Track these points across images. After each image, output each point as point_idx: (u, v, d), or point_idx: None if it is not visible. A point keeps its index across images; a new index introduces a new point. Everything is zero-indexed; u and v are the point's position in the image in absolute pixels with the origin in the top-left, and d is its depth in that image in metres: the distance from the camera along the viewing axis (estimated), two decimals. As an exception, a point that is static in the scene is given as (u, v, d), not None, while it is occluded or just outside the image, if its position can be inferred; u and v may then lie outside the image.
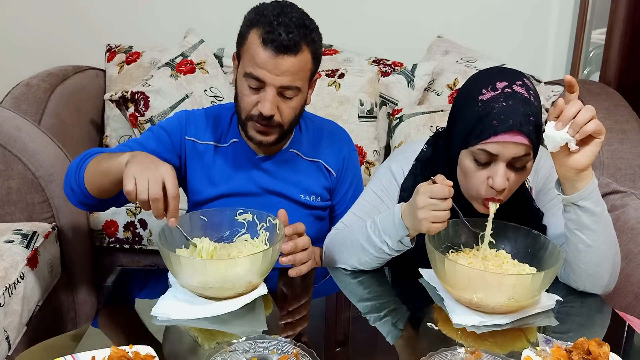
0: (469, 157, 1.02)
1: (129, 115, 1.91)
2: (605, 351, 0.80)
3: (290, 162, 1.28)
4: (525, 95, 0.98)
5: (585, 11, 2.20)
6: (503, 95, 0.98)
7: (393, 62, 2.06)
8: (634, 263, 1.38)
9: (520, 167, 1.01)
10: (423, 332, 0.95)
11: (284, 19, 1.09)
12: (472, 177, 1.03)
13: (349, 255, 1.13)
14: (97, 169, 1.09)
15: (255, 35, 1.10)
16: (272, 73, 1.10)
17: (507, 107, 0.97)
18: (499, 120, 0.97)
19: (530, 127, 0.97)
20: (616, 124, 1.66)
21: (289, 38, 1.08)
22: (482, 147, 0.99)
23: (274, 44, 1.08)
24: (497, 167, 1.00)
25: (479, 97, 1.00)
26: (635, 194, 1.48)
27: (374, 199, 1.21)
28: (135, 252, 1.77)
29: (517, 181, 1.02)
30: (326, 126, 1.37)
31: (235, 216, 1.10)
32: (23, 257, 1.32)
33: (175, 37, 2.11)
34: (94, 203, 1.16)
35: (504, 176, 0.99)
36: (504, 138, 0.97)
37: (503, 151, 0.98)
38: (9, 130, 1.50)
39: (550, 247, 1.01)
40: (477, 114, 0.99)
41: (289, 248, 1.07)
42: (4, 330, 1.21)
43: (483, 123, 0.98)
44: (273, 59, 1.09)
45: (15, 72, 2.06)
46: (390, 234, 1.06)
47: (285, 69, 1.10)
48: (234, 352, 0.82)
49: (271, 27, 1.08)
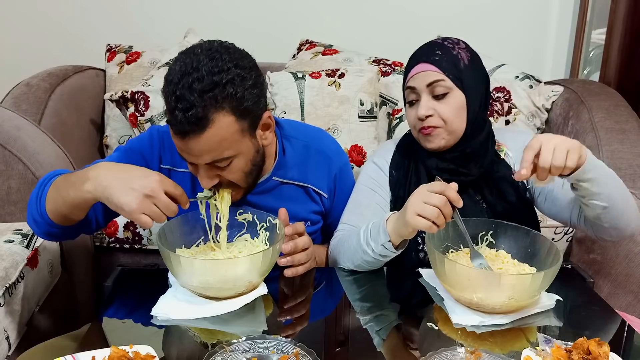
0: (407, 104, 1.20)
1: (129, 115, 1.91)
2: (605, 351, 0.80)
3: (274, 190, 1.19)
4: (439, 42, 1.17)
5: (585, 11, 2.20)
6: (421, 46, 1.19)
7: (393, 62, 2.06)
8: (634, 263, 1.38)
9: (440, 94, 1.13)
10: (423, 332, 0.95)
11: (182, 92, 0.92)
12: (409, 117, 1.19)
13: (345, 256, 1.14)
14: (60, 198, 1.00)
15: (167, 110, 0.97)
16: (191, 155, 0.98)
17: (418, 50, 1.18)
18: (410, 60, 1.18)
19: (436, 57, 1.13)
20: (616, 124, 1.66)
21: (188, 118, 0.92)
22: (407, 86, 1.18)
23: (176, 128, 0.94)
24: (420, 100, 1.15)
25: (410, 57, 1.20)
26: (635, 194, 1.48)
27: (366, 192, 1.24)
28: (135, 252, 1.77)
29: (444, 109, 1.13)
30: (313, 143, 1.24)
31: (235, 216, 1.10)
32: (23, 257, 1.32)
33: (175, 37, 2.11)
34: (59, 232, 1.06)
35: (426, 105, 1.14)
36: (415, 71, 1.15)
37: (417, 82, 1.15)
38: (9, 130, 1.50)
39: (550, 247, 1.01)
40: (407, 66, 1.19)
41: (288, 248, 1.07)
42: (4, 330, 1.21)
43: (405, 71, 1.19)
44: (182, 142, 0.95)
45: (15, 72, 2.06)
46: (374, 238, 1.06)
47: (198, 149, 0.95)
48: (234, 352, 0.82)
49: (170, 106, 0.94)
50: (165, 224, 1.04)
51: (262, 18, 2.30)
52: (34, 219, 1.06)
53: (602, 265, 1.48)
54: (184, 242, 1.07)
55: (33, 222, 1.06)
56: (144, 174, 0.94)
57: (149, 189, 0.91)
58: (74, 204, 0.98)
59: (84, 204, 0.99)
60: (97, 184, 0.93)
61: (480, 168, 1.17)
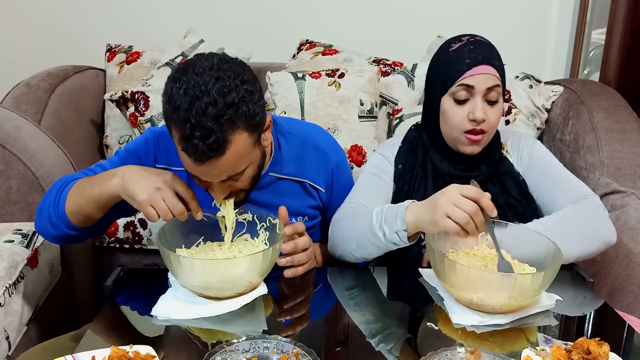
0: (449, 99, 1.16)
1: (129, 115, 1.91)
2: (605, 351, 0.80)
3: (271, 186, 1.20)
4: (487, 42, 1.18)
5: (585, 11, 2.20)
6: (469, 42, 1.16)
7: (393, 62, 2.06)
8: (634, 263, 1.38)
9: (494, 100, 1.14)
10: (423, 332, 0.95)
11: (198, 119, 0.90)
12: (453, 115, 1.15)
13: (350, 234, 1.12)
14: (82, 197, 1.04)
15: (176, 136, 0.95)
16: (207, 176, 0.99)
17: (475, 48, 1.15)
18: (470, 57, 1.14)
19: (496, 62, 1.15)
20: (616, 124, 1.66)
21: (209, 145, 0.91)
22: (460, 83, 1.13)
23: (195, 156, 0.93)
24: (474, 101, 1.13)
25: (449, 50, 1.18)
26: (635, 194, 1.48)
27: (370, 177, 1.26)
28: (135, 252, 1.77)
29: (493, 115, 1.15)
30: (309, 138, 1.25)
31: (236, 216, 1.10)
32: (23, 257, 1.32)
33: (175, 37, 2.11)
34: (76, 235, 1.11)
35: (482, 108, 1.13)
36: (477, 70, 1.13)
37: (478, 82, 1.13)
38: (9, 130, 1.50)
39: (550, 247, 1.01)
40: (451, 60, 1.16)
41: (289, 248, 1.07)
42: (4, 330, 1.21)
43: (457, 64, 1.14)
44: (201, 167, 0.95)
45: (15, 72, 2.06)
46: (389, 224, 1.04)
47: (217, 171, 0.97)
48: (234, 352, 0.82)
49: (186, 135, 0.92)
50: (166, 223, 1.04)
51: (262, 18, 2.30)
52: (50, 222, 1.09)
53: (602, 265, 1.48)
54: (184, 242, 1.07)
55: (49, 225, 1.09)
56: (160, 172, 1.02)
57: (160, 183, 0.98)
58: (98, 200, 1.04)
59: (109, 199, 1.03)
60: (121, 178, 1.00)
61: (490, 167, 1.21)
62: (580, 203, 1.14)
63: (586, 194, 1.17)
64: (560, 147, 1.80)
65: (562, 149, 1.79)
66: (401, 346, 0.89)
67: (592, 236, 1.10)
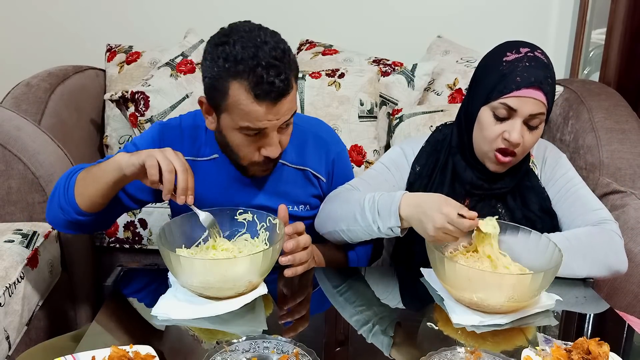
0: (489, 112, 1.10)
1: (129, 115, 1.91)
2: (605, 351, 0.80)
3: (276, 173, 1.22)
4: (546, 62, 1.09)
5: (585, 11, 2.19)
6: (526, 58, 1.07)
7: (393, 62, 2.06)
8: (633, 263, 1.38)
9: (534, 126, 1.08)
10: (423, 332, 0.95)
11: (268, 61, 1.00)
12: (489, 130, 1.10)
13: (342, 216, 1.14)
14: (88, 177, 1.07)
15: (241, 89, 1.01)
16: (272, 120, 1.04)
17: (530, 66, 1.06)
18: (522, 76, 1.05)
19: (548, 87, 1.06)
20: (616, 124, 1.66)
21: (282, 81, 1.01)
22: (504, 101, 1.07)
23: (271, 96, 1.00)
24: (514, 122, 1.08)
25: (503, 59, 1.10)
26: (635, 194, 1.48)
27: (381, 168, 1.26)
28: (135, 252, 1.77)
29: (530, 140, 1.10)
30: (311, 128, 1.29)
31: (235, 216, 1.10)
32: (23, 257, 1.32)
33: (175, 37, 2.11)
34: (84, 220, 1.12)
35: (520, 131, 1.07)
36: (525, 93, 1.05)
37: (522, 106, 1.06)
38: (9, 130, 1.50)
39: (550, 247, 1.01)
40: (501, 72, 1.08)
41: (290, 246, 1.07)
42: (4, 330, 1.21)
43: (507, 79, 1.07)
44: (272, 108, 1.02)
45: (15, 72, 2.06)
46: (383, 218, 1.06)
47: (284, 110, 1.04)
48: (234, 352, 0.82)
49: (259, 78, 0.99)
50: (166, 223, 1.05)
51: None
52: (60, 207, 1.11)
53: (602, 265, 1.47)
54: (184, 242, 1.07)
55: (59, 210, 1.11)
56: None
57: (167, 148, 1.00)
58: (103, 177, 1.04)
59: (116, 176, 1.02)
60: (128, 155, 1.01)
61: (514, 180, 1.17)
62: (597, 227, 1.12)
63: (605, 218, 1.14)
64: (560, 147, 1.79)
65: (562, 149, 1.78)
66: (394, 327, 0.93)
67: (600, 263, 1.08)
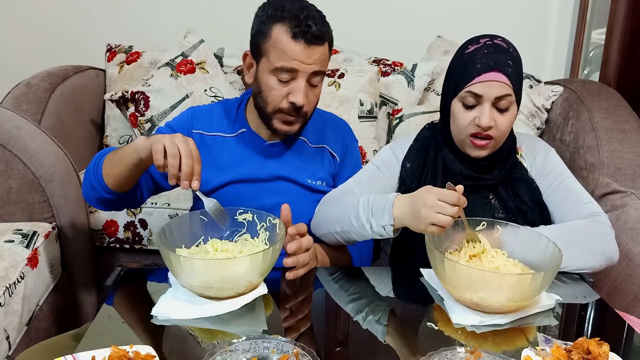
0: (458, 102, 1.15)
1: (129, 115, 1.91)
2: (605, 351, 0.80)
3: (298, 148, 1.31)
4: (505, 46, 1.14)
5: (585, 11, 2.20)
6: (485, 46, 1.13)
7: (393, 62, 2.06)
8: (633, 263, 1.38)
9: (504, 108, 1.12)
10: (423, 332, 0.95)
11: (309, 13, 1.15)
12: (460, 118, 1.15)
13: (336, 218, 1.16)
14: (114, 158, 1.13)
15: (282, 29, 1.14)
16: (305, 63, 1.15)
17: (488, 53, 1.12)
18: (481, 62, 1.11)
19: (509, 69, 1.10)
20: (616, 124, 1.66)
21: (318, 29, 1.14)
22: (469, 89, 1.12)
23: (307, 36, 1.13)
24: (482, 108, 1.12)
25: (464, 52, 1.16)
26: (635, 194, 1.49)
27: (372, 168, 1.29)
28: (135, 252, 1.77)
29: (503, 122, 1.13)
30: (329, 116, 1.42)
31: (235, 216, 1.10)
32: (23, 257, 1.32)
33: (175, 37, 2.11)
34: (113, 199, 1.19)
35: (489, 115, 1.11)
36: (486, 77, 1.10)
37: (487, 91, 1.10)
38: (9, 130, 1.50)
39: (550, 247, 1.01)
40: (464, 63, 1.14)
41: (293, 248, 1.07)
42: (4, 330, 1.21)
43: (468, 68, 1.12)
44: (306, 50, 1.14)
45: (15, 72, 2.06)
46: (377, 217, 1.07)
47: (316, 57, 1.16)
48: (234, 352, 0.82)
49: (299, 21, 1.14)
50: (166, 223, 1.05)
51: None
52: (91, 185, 1.18)
53: (602, 265, 1.47)
54: (184, 242, 1.07)
55: (90, 189, 1.19)
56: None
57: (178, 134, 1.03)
58: (125, 162, 1.10)
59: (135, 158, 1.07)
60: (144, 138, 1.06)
61: (503, 171, 1.20)
62: (589, 219, 1.15)
63: (596, 211, 1.17)
64: (560, 147, 1.80)
65: (562, 149, 1.79)
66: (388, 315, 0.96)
67: (597, 252, 1.11)
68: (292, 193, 1.28)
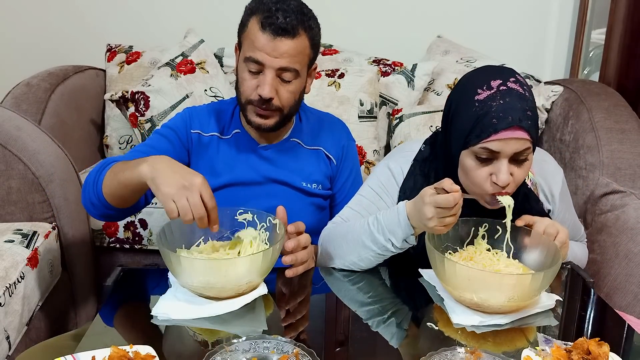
0: (470, 156, 1.03)
1: (129, 115, 1.91)
2: (605, 351, 0.80)
3: (292, 150, 1.31)
4: (521, 91, 1.00)
5: (585, 11, 2.20)
6: (499, 93, 1.00)
7: (393, 62, 2.06)
8: (633, 263, 1.38)
9: (521, 160, 1.02)
10: (423, 332, 0.95)
11: (282, 6, 1.15)
12: (474, 175, 1.04)
13: (349, 250, 1.12)
14: (115, 180, 1.08)
15: (255, 21, 1.15)
16: (270, 55, 1.14)
17: (505, 104, 0.99)
18: (498, 117, 0.98)
19: (529, 121, 0.99)
20: (616, 124, 1.66)
21: (287, 22, 1.13)
22: (484, 146, 1.00)
23: (272, 27, 1.13)
24: (499, 164, 1.01)
25: (475, 97, 1.01)
26: (635, 194, 1.49)
27: (372, 195, 1.21)
28: (135, 252, 1.77)
29: (520, 174, 1.03)
30: (326, 117, 1.41)
31: (235, 216, 1.10)
32: (23, 257, 1.32)
33: (175, 37, 2.11)
34: (115, 214, 1.17)
35: (507, 172, 1.01)
36: (505, 135, 0.98)
37: (504, 148, 0.99)
38: (9, 130, 1.50)
39: (550, 247, 1.01)
40: (476, 114, 1.00)
41: (292, 245, 1.07)
42: (5, 330, 1.21)
43: (482, 122, 0.99)
44: (271, 41, 1.13)
45: (15, 72, 2.07)
46: (395, 233, 1.05)
47: (283, 51, 1.14)
48: (234, 352, 0.82)
49: (269, 13, 1.13)
50: (166, 224, 1.05)
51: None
52: (91, 202, 1.15)
53: (602, 265, 1.48)
54: (184, 242, 1.07)
55: (91, 205, 1.15)
56: (192, 172, 0.99)
57: (189, 182, 0.96)
58: (129, 184, 1.05)
59: (138, 184, 1.03)
60: (152, 167, 1.00)
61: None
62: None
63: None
64: (560, 147, 1.80)
65: (562, 149, 1.79)
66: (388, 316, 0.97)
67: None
68: (286, 196, 1.27)
